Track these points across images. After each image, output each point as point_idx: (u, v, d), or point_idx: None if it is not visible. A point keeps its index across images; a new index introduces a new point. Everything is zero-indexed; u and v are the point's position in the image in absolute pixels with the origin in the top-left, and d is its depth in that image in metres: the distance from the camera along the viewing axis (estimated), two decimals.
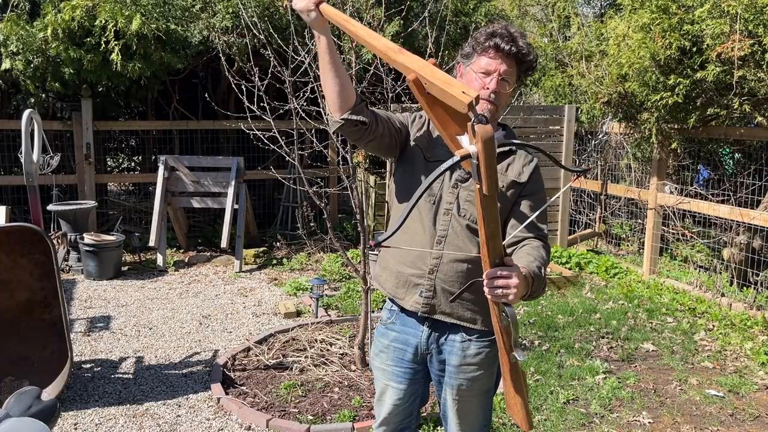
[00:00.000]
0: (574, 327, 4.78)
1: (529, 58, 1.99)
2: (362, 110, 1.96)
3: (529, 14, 8.83)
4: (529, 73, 2.06)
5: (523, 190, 2.05)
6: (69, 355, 3.55)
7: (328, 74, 1.90)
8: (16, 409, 1.50)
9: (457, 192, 2.04)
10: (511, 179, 2.04)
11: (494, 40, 1.95)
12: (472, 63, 2.01)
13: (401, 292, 2.11)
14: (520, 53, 1.96)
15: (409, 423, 2.33)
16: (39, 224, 3.73)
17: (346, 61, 4.62)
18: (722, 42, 4.56)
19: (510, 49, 1.94)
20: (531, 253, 1.92)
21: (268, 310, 5.31)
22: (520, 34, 2.01)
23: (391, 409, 2.24)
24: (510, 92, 2.02)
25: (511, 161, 2.07)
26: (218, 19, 6.62)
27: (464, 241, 2.02)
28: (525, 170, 2.06)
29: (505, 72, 1.96)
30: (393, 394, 2.22)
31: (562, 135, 6.56)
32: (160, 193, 6.46)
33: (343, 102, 1.92)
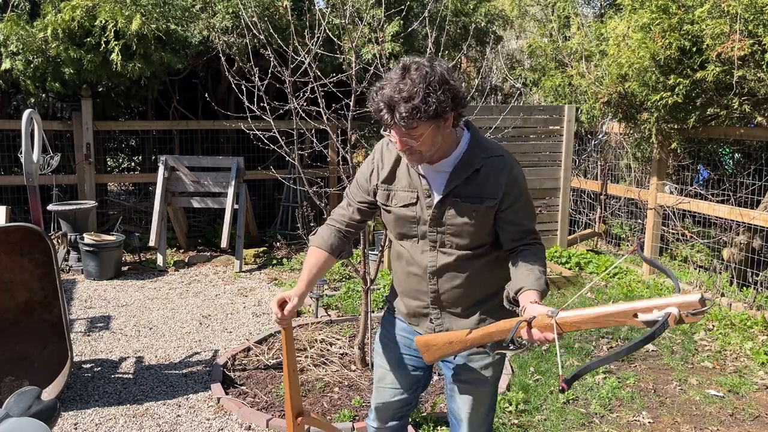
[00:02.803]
0: None
1: (417, 121, 1.79)
2: (344, 248, 2.19)
3: (529, 14, 8.83)
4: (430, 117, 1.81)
5: (503, 201, 1.98)
6: (69, 355, 3.55)
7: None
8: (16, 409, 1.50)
9: (435, 229, 2.04)
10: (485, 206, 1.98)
11: (375, 107, 1.85)
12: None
13: (414, 320, 2.21)
14: (398, 124, 1.81)
15: (407, 411, 2.36)
16: (39, 224, 3.74)
17: (346, 61, 4.63)
18: (722, 42, 4.56)
19: (388, 120, 1.82)
20: (535, 266, 1.93)
21: (268, 310, 5.31)
22: (409, 93, 1.78)
23: (390, 394, 2.28)
24: (430, 133, 1.84)
25: (482, 181, 1.98)
26: (218, 19, 6.62)
27: (455, 266, 2.05)
28: (498, 184, 1.97)
29: (406, 134, 1.85)
30: (396, 379, 2.25)
31: (562, 135, 6.55)
32: (160, 193, 6.46)
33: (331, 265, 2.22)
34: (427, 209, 2.01)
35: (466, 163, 1.98)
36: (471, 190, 1.98)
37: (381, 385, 2.29)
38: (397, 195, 2.06)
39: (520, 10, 8.65)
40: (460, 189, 1.98)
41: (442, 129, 1.87)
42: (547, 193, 6.61)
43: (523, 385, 3.79)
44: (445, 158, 1.98)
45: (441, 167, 1.99)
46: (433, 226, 2.03)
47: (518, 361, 4.15)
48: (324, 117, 3.82)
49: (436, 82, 1.79)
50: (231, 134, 7.95)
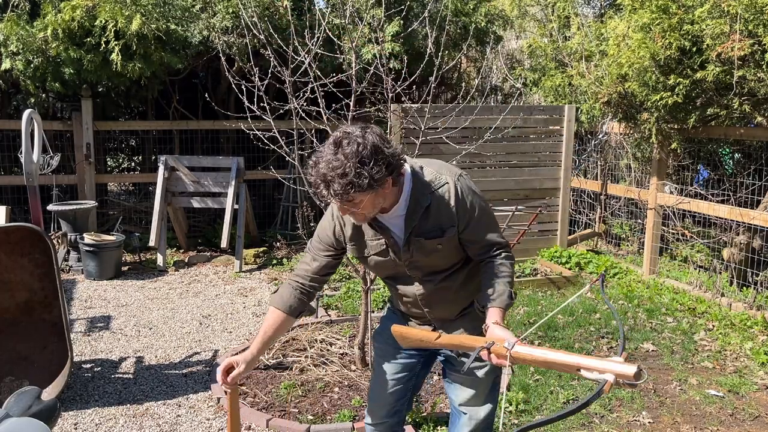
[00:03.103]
0: (574, 327, 4.78)
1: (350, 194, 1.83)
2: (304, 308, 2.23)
3: (529, 14, 8.82)
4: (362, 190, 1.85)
5: (460, 224, 2.04)
6: (69, 355, 3.55)
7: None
8: (16, 409, 1.50)
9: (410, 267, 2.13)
10: (440, 234, 2.04)
11: (311, 182, 1.88)
12: None
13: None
14: (334, 198, 1.86)
15: (401, 406, 2.39)
16: (39, 224, 3.74)
17: (346, 61, 4.63)
18: (722, 42, 4.56)
19: (324, 195, 1.86)
20: (499, 275, 2.02)
21: (268, 310, 5.30)
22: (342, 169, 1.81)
23: (386, 386, 2.33)
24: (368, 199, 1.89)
25: (435, 214, 2.03)
26: (218, 19, 6.62)
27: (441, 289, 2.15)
28: (450, 213, 2.03)
29: (345, 204, 1.90)
30: (390, 370, 2.32)
31: (562, 135, 6.55)
32: (160, 193, 6.46)
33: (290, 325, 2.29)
34: (396, 255, 2.10)
35: (416, 204, 2.03)
36: (429, 227, 2.04)
37: (378, 378, 2.36)
38: (369, 245, 2.13)
39: (520, 10, 8.64)
40: (418, 229, 2.05)
41: (381, 193, 1.91)
42: (547, 193, 6.61)
43: (523, 385, 3.79)
44: (396, 204, 2.03)
45: (395, 213, 2.05)
46: (408, 267, 2.13)
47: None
48: (324, 117, 3.82)
49: (368, 154, 1.82)
50: (231, 134, 7.95)
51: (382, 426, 2.41)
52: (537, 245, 6.63)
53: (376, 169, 1.83)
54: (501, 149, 6.44)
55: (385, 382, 2.33)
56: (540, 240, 6.68)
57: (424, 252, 2.07)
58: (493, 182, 6.38)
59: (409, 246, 2.06)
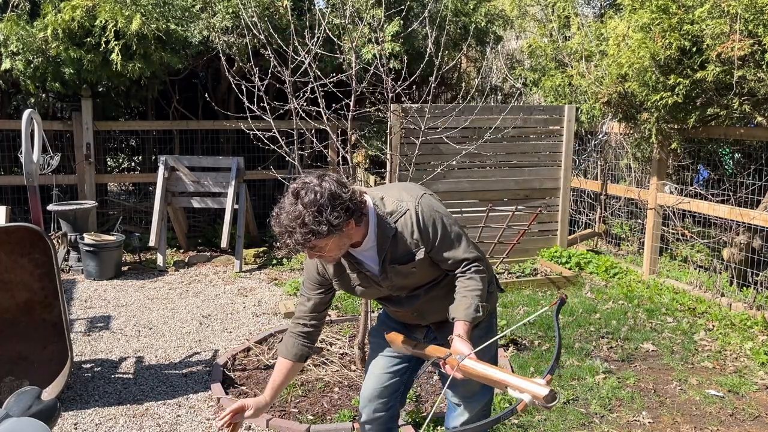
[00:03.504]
0: (574, 327, 4.78)
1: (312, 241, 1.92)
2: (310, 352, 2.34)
3: (529, 14, 8.82)
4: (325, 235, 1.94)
5: (427, 246, 2.13)
6: (69, 355, 3.55)
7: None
8: (16, 409, 1.50)
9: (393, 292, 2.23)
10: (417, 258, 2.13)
11: (278, 233, 1.96)
12: None
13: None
14: (297, 246, 1.94)
15: (394, 401, 2.44)
16: (39, 224, 3.73)
17: (346, 61, 4.62)
18: (722, 42, 4.56)
19: (291, 245, 1.93)
20: (468, 289, 2.09)
21: (268, 310, 5.31)
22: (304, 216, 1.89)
23: (380, 379, 2.38)
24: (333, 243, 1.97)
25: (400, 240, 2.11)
26: (218, 19, 6.62)
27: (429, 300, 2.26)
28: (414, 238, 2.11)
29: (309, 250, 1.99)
30: (384, 362, 2.38)
31: (562, 135, 6.55)
32: (160, 193, 6.46)
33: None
34: (377, 284, 2.20)
35: (383, 235, 2.10)
36: (400, 253, 2.12)
37: (372, 370, 2.42)
38: (351, 278, 2.22)
39: (520, 10, 8.63)
40: (390, 256, 2.13)
41: (346, 234, 1.99)
42: (547, 193, 6.61)
43: None
44: (366, 238, 2.10)
45: (366, 246, 2.12)
46: (391, 290, 2.24)
47: (518, 361, 4.16)
48: (324, 117, 3.82)
49: (325, 202, 1.90)
50: (231, 134, 7.95)
51: (377, 422, 2.42)
52: (537, 245, 6.63)
53: (335, 215, 1.90)
54: (501, 149, 6.44)
55: (379, 376, 2.38)
56: (540, 240, 6.68)
57: (401, 276, 2.17)
58: (493, 182, 6.38)
59: (386, 274, 2.16)
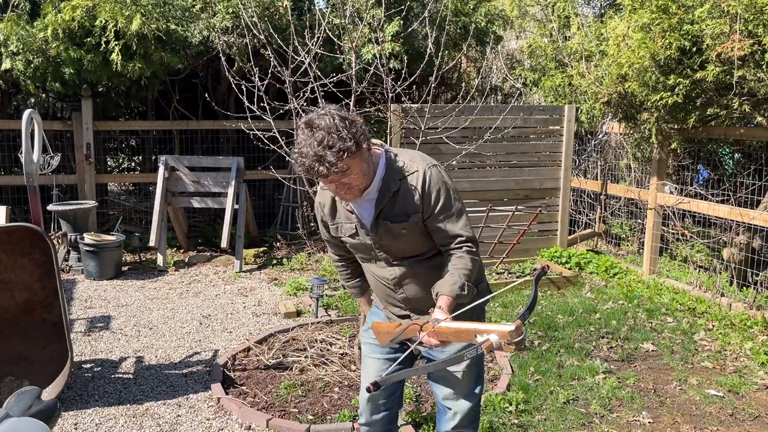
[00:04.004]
0: (574, 327, 4.78)
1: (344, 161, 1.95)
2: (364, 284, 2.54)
3: (529, 14, 8.82)
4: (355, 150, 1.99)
5: (425, 212, 2.13)
6: (69, 355, 3.55)
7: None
8: (16, 409, 1.50)
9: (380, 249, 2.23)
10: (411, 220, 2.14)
11: (306, 167, 1.97)
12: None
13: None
14: (332, 169, 1.95)
15: (392, 403, 2.43)
16: (39, 224, 3.73)
17: (346, 61, 4.62)
18: (722, 42, 4.56)
19: (324, 171, 1.95)
20: (457, 267, 2.09)
21: (268, 310, 5.31)
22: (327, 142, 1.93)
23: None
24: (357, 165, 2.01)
25: (402, 199, 2.13)
26: (218, 19, 6.62)
27: (416, 275, 2.23)
28: (415, 199, 2.13)
29: (341, 176, 2.00)
30: (378, 366, 2.36)
31: (562, 135, 6.55)
32: (160, 193, 6.46)
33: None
34: (366, 237, 2.22)
35: (386, 187, 2.13)
36: (396, 211, 2.14)
37: (366, 374, 2.40)
38: (342, 227, 2.28)
39: (520, 10, 8.63)
40: (386, 212, 2.15)
41: (366, 157, 2.05)
42: (547, 193, 6.61)
43: (523, 385, 3.79)
44: (369, 188, 2.13)
45: (367, 197, 2.14)
46: (377, 247, 2.23)
47: (518, 361, 4.15)
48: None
49: (340, 122, 1.96)
50: (231, 134, 7.95)
51: (377, 424, 2.42)
52: (537, 245, 6.63)
53: (353, 130, 1.97)
54: (501, 149, 6.44)
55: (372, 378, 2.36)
56: (540, 240, 6.68)
57: (390, 235, 2.17)
58: (493, 182, 6.38)
59: (377, 228, 2.17)
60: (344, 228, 2.26)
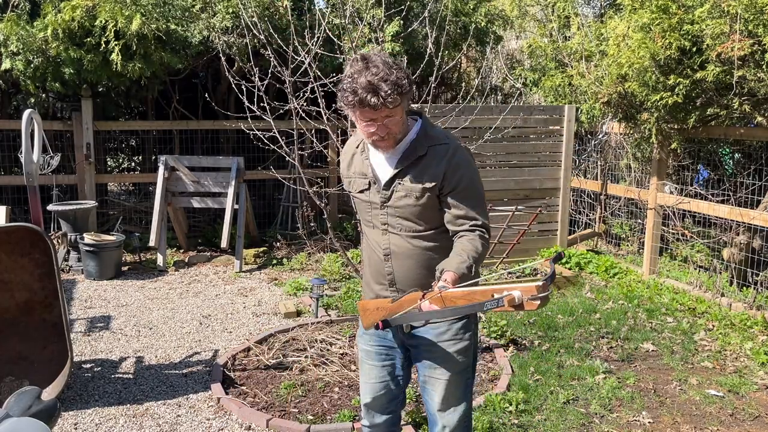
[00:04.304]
0: (574, 327, 4.78)
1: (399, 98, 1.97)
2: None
3: (529, 14, 8.82)
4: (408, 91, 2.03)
5: (444, 187, 2.12)
6: (69, 355, 3.55)
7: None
8: (16, 409, 1.50)
9: (385, 212, 2.20)
10: (423, 186, 2.12)
11: (358, 98, 1.97)
12: (353, 113, 2.07)
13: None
14: (387, 102, 1.96)
15: (395, 406, 2.41)
16: (39, 224, 3.73)
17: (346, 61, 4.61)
18: (722, 42, 4.56)
19: (377, 103, 1.96)
20: (465, 248, 2.06)
21: (268, 310, 5.31)
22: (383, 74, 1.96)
23: (376, 388, 2.34)
24: (400, 111, 2.04)
25: (425, 165, 2.13)
26: (218, 19, 6.62)
27: (407, 250, 2.19)
28: (439, 170, 2.12)
29: (386, 114, 2.01)
30: (377, 372, 2.33)
31: (562, 135, 6.56)
32: (160, 193, 6.46)
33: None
34: (376, 193, 2.20)
35: (413, 150, 2.14)
36: (414, 174, 2.13)
37: (366, 380, 2.38)
38: (355, 182, 2.28)
39: (520, 10, 8.64)
40: (404, 173, 2.14)
41: (406, 108, 2.09)
42: (547, 193, 6.61)
43: (523, 385, 3.79)
44: (399, 144, 2.14)
45: (394, 153, 2.15)
46: (382, 209, 2.20)
47: (518, 361, 4.15)
48: (324, 117, 3.82)
49: (393, 64, 2.01)
50: (231, 134, 7.95)
51: (379, 427, 2.41)
52: (537, 245, 6.63)
53: (402, 74, 1.99)
54: (501, 149, 6.44)
55: (374, 386, 2.34)
56: (540, 240, 6.68)
57: (401, 192, 2.14)
58: (493, 182, 6.38)
59: (390, 186, 2.16)
60: (356, 183, 2.26)
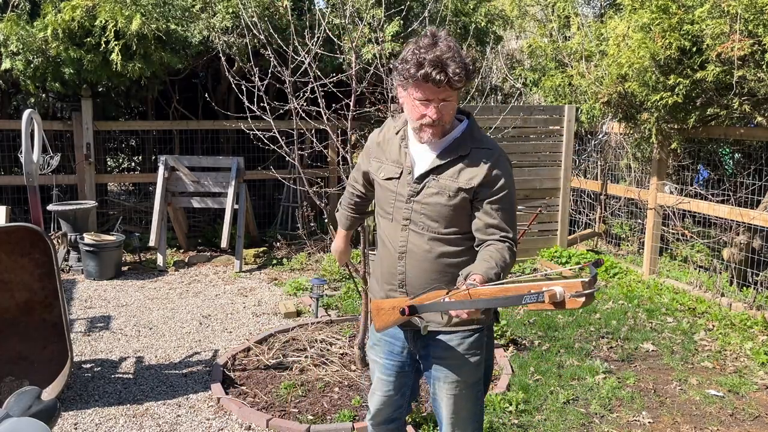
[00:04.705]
0: (574, 327, 4.78)
1: (464, 81, 1.95)
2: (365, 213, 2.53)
3: (529, 14, 8.82)
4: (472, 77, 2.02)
5: (480, 192, 2.03)
6: (69, 355, 3.55)
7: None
8: (16, 409, 1.50)
9: (410, 206, 2.10)
10: (458, 186, 2.05)
11: (423, 71, 1.91)
12: (409, 90, 2.01)
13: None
14: (452, 81, 1.92)
15: (400, 414, 2.39)
16: (39, 224, 3.73)
17: (346, 61, 4.62)
18: (722, 42, 4.56)
19: (441, 79, 1.91)
20: (492, 256, 1.97)
21: (268, 310, 5.31)
22: (452, 54, 1.93)
23: (382, 401, 2.32)
24: (455, 99, 2.02)
25: (465, 166, 2.05)
26: (218, 19, 6.62)
27: (425, 252, 2.09)
28: (479, 173, 2.03)
29: (444, 97, 1.97)
30: (384, 386, 2.30)
31: (562, 135, 6.56)
32: (160, 193, 6.46)
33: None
34: (406, 185, 2.10)
35: (455, 148, 2.07)
36: (452, 173, 2.05)
37: (375, 390, 2.36)
38: (385, 168, 2.17)
39: (520, 10, 8.64)
40: (441, 169, 2.06)
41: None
42: (547, 193, 6.61)
43: (523, 385, 3.79)
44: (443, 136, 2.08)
45: (432, 146, 2.08)
46: (408, 203, 2.10)
47: (518, 361, 4.15)
48: (324, 117, 3.82)
49: (459, 47, 1.97)
50: (231, 134, 7.94)
51: (382, 429, 2.41)
52: (537, 245, 6.63)
53: (470, 59, 1.97)
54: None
55: (380, 398, 2.33)
56: (540, 240, 6.68)
57: (433, 189, 2.06)
58: None
59: (422, 180, 2.07)
60: (386, 169, 2.16)
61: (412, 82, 1.95)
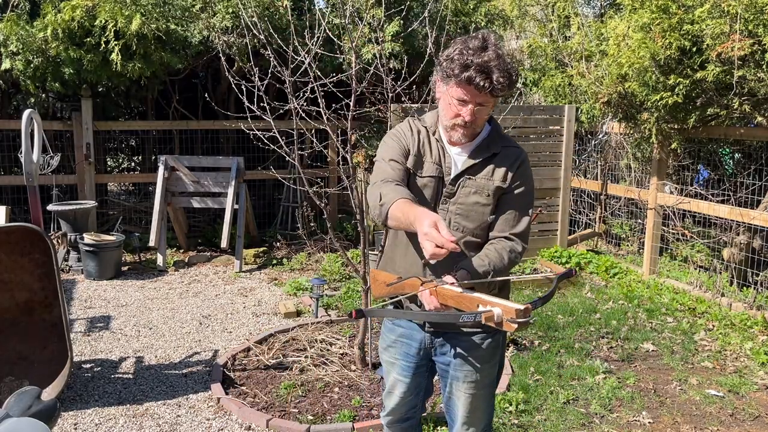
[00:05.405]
0: (574, 327, 4.78)
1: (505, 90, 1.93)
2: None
3: (529, 14, 8.81)
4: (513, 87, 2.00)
5: (508, 185, 2.10)
6: (69, 355, 3.55)
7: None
8: (16, 409, 1.50)
9: (446, 207, 2.10)
10: (496, 185, 2.08)
11: (468, 74, 1.89)
12: (448, 87, 1.99)
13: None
14: (494, 89, 1.91)
15: (414, 413, 2.41)
16: (39, 224, 3.73)
17: (346, 61, 4.62)
18: (722, 42, 4.56)
19: (484, 85, 1.90)
20: (489, 255, 2.00)
21: (268, 310, 5.31)
22: (499, 62, 1.90)
23: (398, 401, 2.33)
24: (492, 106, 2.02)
25: (497, 164, 2.09)
26: (218, 19, 6.62)
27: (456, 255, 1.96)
28: (509, 173, 2.09)
29: (482, 102, 1.97)
30: (401, 387, 2.31)
31: (562, 135, 6.55)
32: (160, 193, 6.46)
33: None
34: (443, 186, 2.10)
35: (486, 147, 2.10)
36: (486, 172, 2.08)
37: (390, 389, 2.36)
38: (426, 166, 2.12)
39: (520, 10, 8.63)
40: (476, 169, 2.08)
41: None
42: (547, 193, 6.61)
43: (523, 385, 3.79)
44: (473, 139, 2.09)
45: (463, 148, 2.10)
46: (444, 204, 2.09)
47: (518, 361, 4.15)
48: (324, 117, 3.82)
49: (506, 53, 1.95)
50: (231, 134, 7.94)
51: (396, 427, 2.43)
52: (537, 245, 6.63)
53: (515, 69, 1.96)
54: None
55: (398, 396, 2.33)
56: (540, 240, 6.68)
57: (470, 189, 2.06)
58: None
59: (457, 181, 2.08)
60: (427, 167, 2.10)
61: (455, 81, 1.94)
